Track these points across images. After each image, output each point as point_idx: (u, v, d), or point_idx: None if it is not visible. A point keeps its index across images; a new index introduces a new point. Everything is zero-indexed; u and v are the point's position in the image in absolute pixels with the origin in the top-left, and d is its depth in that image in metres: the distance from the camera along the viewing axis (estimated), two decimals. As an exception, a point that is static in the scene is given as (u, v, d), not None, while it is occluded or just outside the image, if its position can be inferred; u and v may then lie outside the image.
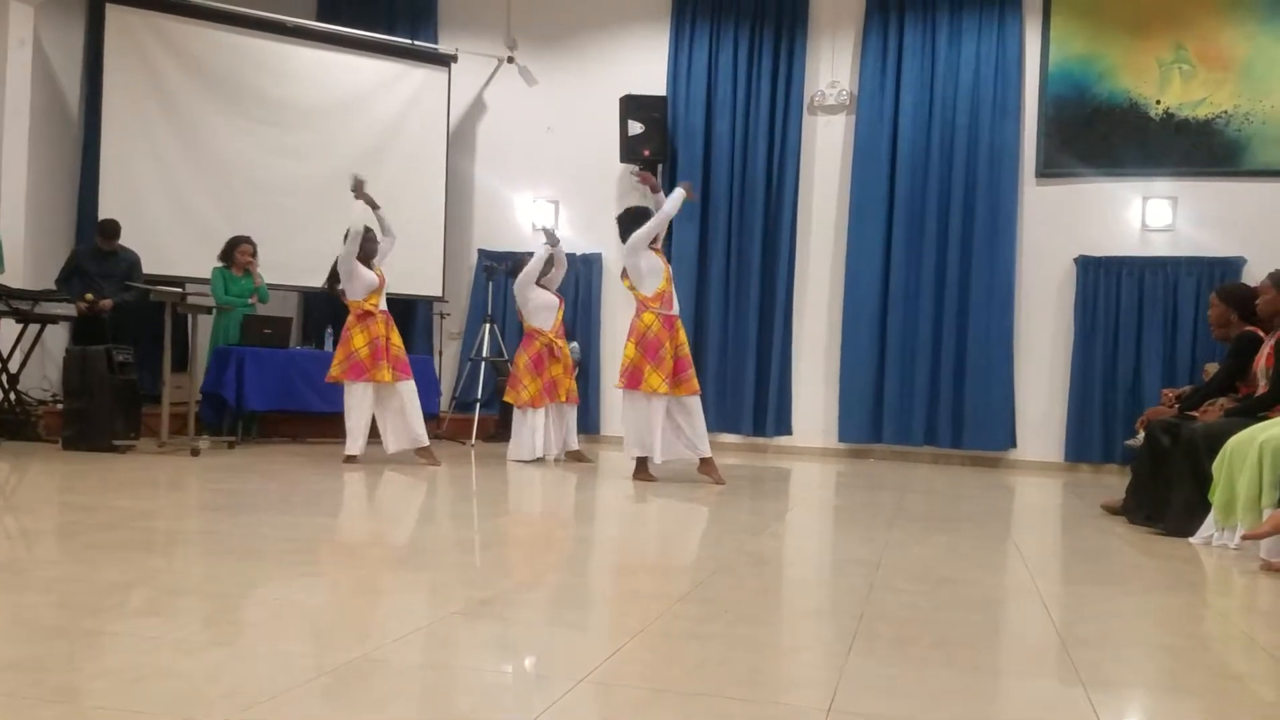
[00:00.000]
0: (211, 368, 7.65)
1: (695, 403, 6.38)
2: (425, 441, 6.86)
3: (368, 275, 6.79)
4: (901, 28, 8.96)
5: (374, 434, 6.88)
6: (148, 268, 7.87)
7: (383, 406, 6.83)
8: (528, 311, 7.45)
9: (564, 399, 7.46)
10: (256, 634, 2.64)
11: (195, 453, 6.69)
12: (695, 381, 6.37)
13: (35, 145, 8.12)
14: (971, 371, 8.69)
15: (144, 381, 7.24)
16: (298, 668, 2.25)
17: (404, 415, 6.80)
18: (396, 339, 6.87)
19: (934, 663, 2.52)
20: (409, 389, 6.82)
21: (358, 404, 6.74)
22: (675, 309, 6.40)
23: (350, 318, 6.78)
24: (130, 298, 7.47)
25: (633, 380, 6.22)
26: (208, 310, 7.50)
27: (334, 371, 6.77)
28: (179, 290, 7.15)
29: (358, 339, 6.68)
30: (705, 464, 6.36)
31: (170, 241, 8.40)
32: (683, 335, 6.41)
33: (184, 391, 7.30)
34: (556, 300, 7.53)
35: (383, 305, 6.86)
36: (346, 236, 6.69)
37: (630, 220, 6.52)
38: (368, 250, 6.85)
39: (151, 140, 8.48)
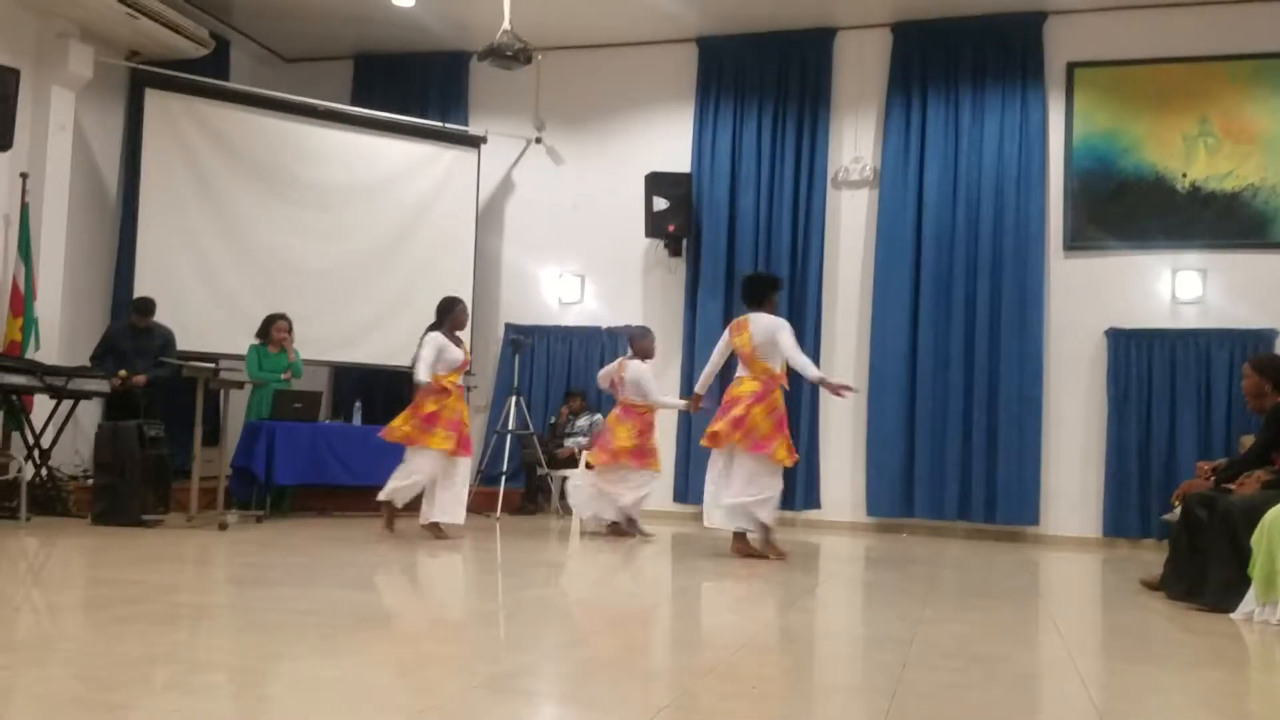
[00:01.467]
0: (242, 442, 7.69)
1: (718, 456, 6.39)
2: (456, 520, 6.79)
3: (452, 352, 6.76)
4: (924, 103, 9.04)
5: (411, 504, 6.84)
6: (182, 344, 7.97)
7: (442, 477, 6.70)
8: None
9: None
10: (278, 710, 2.62)
11: (223, 527, 6.70)
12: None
13: (74, 226, 8.29)
14: (1004, 445, 8.57)
15: (176, 456, 7.29)
16: (318, 743, 2.22)
17: (453, 490, 6.71)
18: (466, 415, 6.89)
19: (968, 741, 2.45)
20: (466, 466, 6.83)
21: (414, 463, 6.66)
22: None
23: (428, 387, 6.65)
24: (164, 374, 7.56)
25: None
26: (239, 385, 7.57)
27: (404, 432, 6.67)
28: (211, 366, 7.23)
29: (429, 406, 6.62)
30: (736, 538, 6.30)
31: (204, 319, 8.52)
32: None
33: (214, 466, 7.33)
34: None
35: (460, 381, 6.89)
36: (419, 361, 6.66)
37: None
38: (458, 321, 6.89)
39: (187, 220, 8.64)
